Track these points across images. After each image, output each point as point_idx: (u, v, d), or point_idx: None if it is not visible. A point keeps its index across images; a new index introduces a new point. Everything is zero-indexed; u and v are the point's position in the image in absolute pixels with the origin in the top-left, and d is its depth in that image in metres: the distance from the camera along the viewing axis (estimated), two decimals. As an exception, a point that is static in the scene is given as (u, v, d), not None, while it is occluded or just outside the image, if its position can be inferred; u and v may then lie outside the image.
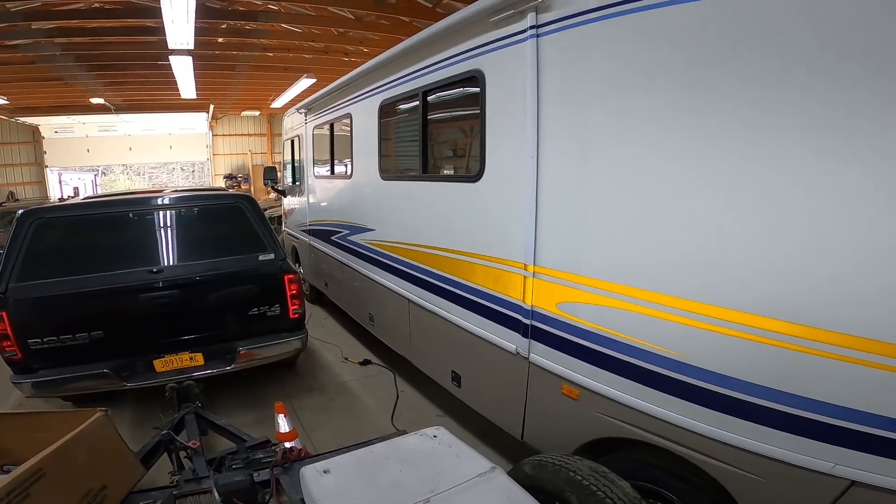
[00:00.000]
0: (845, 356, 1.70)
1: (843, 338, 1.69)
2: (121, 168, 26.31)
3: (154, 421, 3.70)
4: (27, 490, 1.96)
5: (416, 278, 4.22)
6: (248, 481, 2.33)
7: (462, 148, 4.12)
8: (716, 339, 2.03)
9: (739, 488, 2.10)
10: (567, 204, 2.62)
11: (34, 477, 2.02)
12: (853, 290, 1.68)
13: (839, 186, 1.69)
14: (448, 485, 1.86)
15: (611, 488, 2.03)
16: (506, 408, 3.30)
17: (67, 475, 2.22)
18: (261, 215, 4.79)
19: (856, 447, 1.72)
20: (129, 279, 4.06)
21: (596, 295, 2.48)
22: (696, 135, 2.05)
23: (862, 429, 1.69)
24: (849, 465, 1.74)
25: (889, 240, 1.60)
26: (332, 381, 5.45)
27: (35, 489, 1.99)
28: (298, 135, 7.77)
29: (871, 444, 1.68)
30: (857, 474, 1.73)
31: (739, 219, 1.95)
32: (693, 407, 2.14)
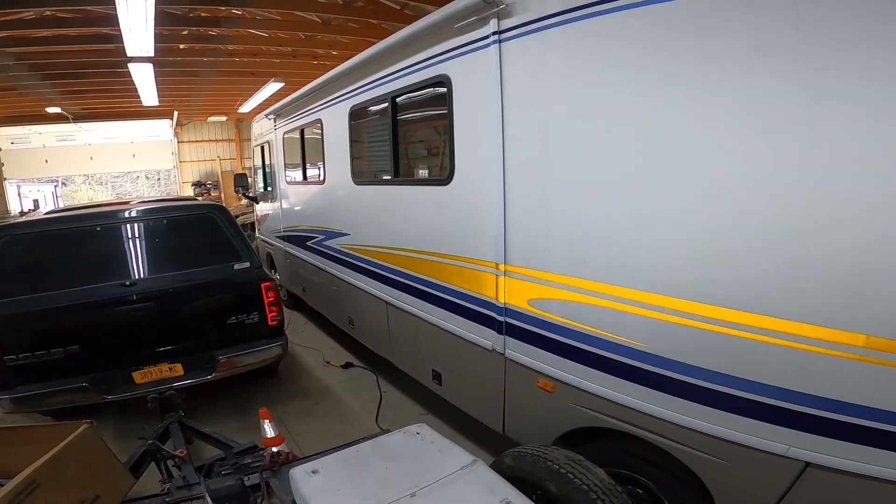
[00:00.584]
0: (793, 342, 1.82)
1: (790, 325, 1.81)
2: (82, 178, 25.63)
3: (137, 433, 3.71)
4: (22, 501, 1.99)
5: (392, 280, 4.30)
6: (239, 486, 2.40)
7: (432, 152, 4.21)
8: (673, 328, 2.16)
9: (707, 472, 2.22)
10: (533, 204, 2.73)
11: (29, 488, 2.04)
12: (800, 281, 1.80)
13: (785, 184, 1.81)
14: (432, 479, 1.96)
15: (586, 475, 2.15)
16: (486, 403, 3.41)
17: (60, 486, 2.24)
18: (233, 224, 4.81)
19: (808, 430, 1.83)
20: (102, 293, 4.05)
21: (564, 291, 2.60)
22: (647, 136, 2.18)
23: (813, 412, 1.81)
24: (803, 447, 1.86)
25: (836, 230, 1.71)
26: (315, 385, 5.50)
27: (30, 500, 2.02)
28: (268, 141, 7.76)
29: (822, 426, 1.80)
30: (810, 456, 1.84)
31: (688, 218, 2.09)
32: (657, 394, 2.27)
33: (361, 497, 1.91)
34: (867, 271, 1.66)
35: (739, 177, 1.92)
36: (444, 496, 1.87)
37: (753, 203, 1.89)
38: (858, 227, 1.67)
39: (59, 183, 25.00)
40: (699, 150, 2.02)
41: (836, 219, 1.70)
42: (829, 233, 1.72)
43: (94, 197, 25.12)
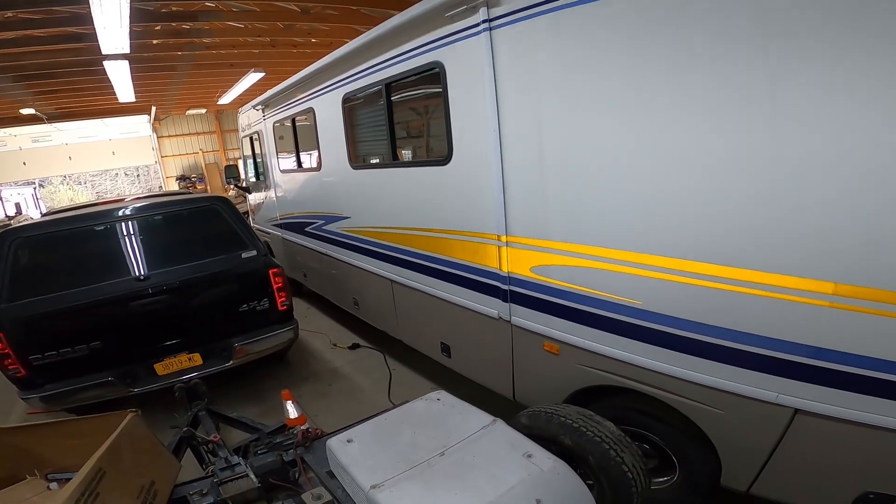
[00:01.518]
0: (772, 293, 2.00)
1: (768, 276, 2.00)
2: (59, 179, 25.23)
3: (162, 424, 3.89)
4: (96, 489, 2.11)
5: (396, 259, 4.45)
6: (280, 461, 2.58)
7: (429, 134, 4.32)
8: (665, 285, 2.36)
9: (705, 421, 2.43)
10: (530, 178, 2.90)
11: (98, 476, 2.16)
12: (781, 235, 1.97)
13: (758, 151, 1.98)
14: (458, 439, 2.16)
15: (598, 428, 2.36)
16: (495, 371, 3.60)
17: (122, 473, 2.36)
18: (237, 214, 4.93)
19: (795, 377, 2.01)
20: (118, 289, 4.17)
21: (563, 257, 2.80)
22: (635, 108, 2.34)
23: (798, 359, 1.99)
24: (791, 394, 2.04)
25: (814, 187, 1.87)
26: (324, 368, 5.65)
27: (102, 487, 2.15)
28: (257, 131, 7.75)
29: (808, 373, 1.97)
30: (798, 402, 2.03)
31: (671, 183, 2.27)
32: (655, 349, 2.48)
33: (395, 459, 2.10)
34: (833, 225, 1.84)
35: (720, 144, 2.08)
36: (469, 453, 2.07)
37: (732, 167, 2.06)
38: (820, 188, 1.85)
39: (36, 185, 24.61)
40: (680, 121, 2.18)
41: (801, 182, 1.89)
42: (794, 193, 1.91)
43: (73, 197, 24.68)
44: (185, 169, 25.49)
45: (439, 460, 2.06)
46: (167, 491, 2.63)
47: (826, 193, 1.83)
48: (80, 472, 2.15)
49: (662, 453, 2.79)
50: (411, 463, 2.06)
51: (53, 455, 2.74)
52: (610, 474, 2.28)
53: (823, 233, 1.86)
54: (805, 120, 1.83)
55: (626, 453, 2.30)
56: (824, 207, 1.84)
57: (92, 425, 2.80)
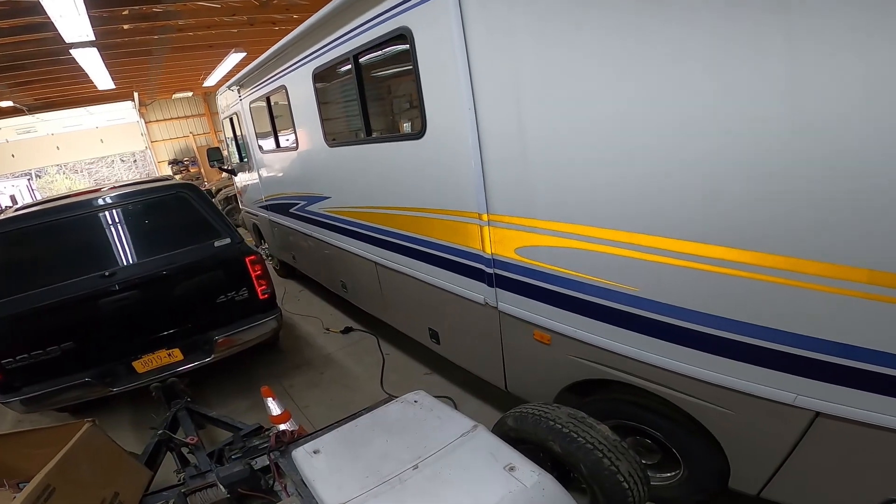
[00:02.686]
0: (796, 281, 1.71)
1: (790, 261, 1.71)
2: (55, 168, 25.08)
3: (151, 422, 3.74)
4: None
5: (378, 240, 4.23)
6: (248, 470, 2.40)
7: (402, 107, 4.08)
8: (666, 270, 2.07)
9: (711, 421, 2.19)
10: (509, 150, 2.62)
11: (45, 493, 2.05)
12: (804, 215, 1.66)
13: (770, 118, 1.67)
14: (434, 448, 1.95)
15: (590, 433, 2.14)
16: (485, 360, 3.40)
17: (76, 487, 2.25)
18: (207, 201, 4.68)
19: (818, 377, 1.75)
20: (83, 287, 3.96)
21: (550, 237, 2.53)
22: (629, 59, 2.00)
23: (822, 357, 1.72)
24: (812, 396, 1.78)
25: (826, 166, 1.58)
26: (317, 354, 5.50)
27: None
28: (236, 112, 7.56)
29: (833, 373, 1.71)
30: (821, 405, 1.77)
31: (671, 151, 1.94)
32: (653, 341, 2.22)
33: (364, 473, 1.91)
34: (869, 203, 1.53)
35: (734, 104, 1.75)
36: (446, 465, 1.87)
37: (742, 136, 1.75)
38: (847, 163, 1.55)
39: (31, 176, 24.48)
40: (672, 83, 1.88)
41: (823, 154, 1.58)
42: (817, 168, 1.60)
43: (71, 186, 24.68)
44: (176, 153, 25.22)
45: (412, 474, 1.87)
46: (134, 501, 2.52)
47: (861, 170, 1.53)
48: (24, 490, 2.05)
49: (665, 448, 2.58)
50: (381, 478, 1.87)
51: (25, 465, 2.64)
52: (604, 484, 2.08)
53: (859, 210, 1.55)
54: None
55: (621, 461, 2.09)
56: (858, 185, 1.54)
57: (55, 434, 2.67)
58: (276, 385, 4.83)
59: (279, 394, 4.56)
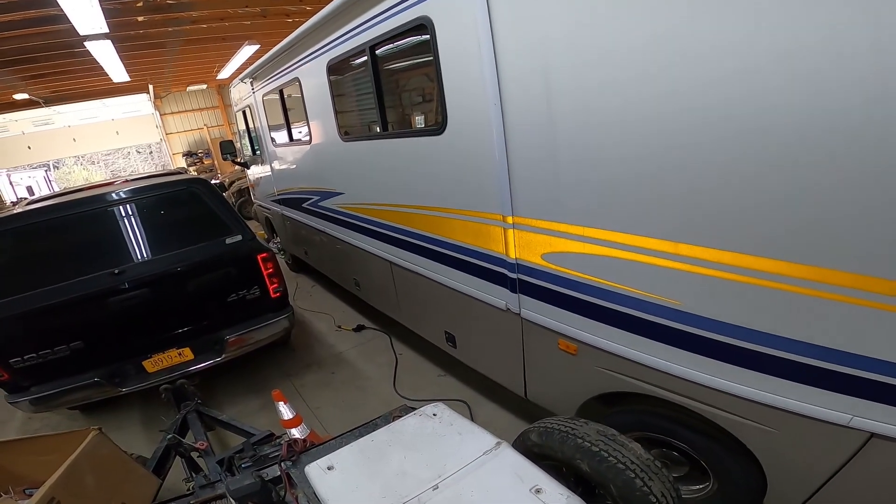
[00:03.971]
0: (857, 299, 1.57)
1: (851, 278, 1.56)
2: (73, 160, 25.25)
3: (160, 424, 3.65)
4: None
5: (394, 239, 4.10)
6: (259, 483, 2.27)
7: (421, 100, 3.93)
8: (714, 284, 1.91)
9: (753, 440, 2.06)
10: (538, 147, 2.45)
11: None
12: (861, 227, 1.52)
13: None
14: (455, 467, 1.82)
15: (622, 452, 2.00)
16: (505, 366, 3.26)
17: (81, 499, 2.19)
18: (219, 197, 4.57)
19: (875, 398, 1.63)
20: (91, 286, 3.86)
21: (581, 243, 2.37)
22: (664, 50, 1.83)
23: (880, 378, 1.59)
24: (868, 418, 1.66)
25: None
26: (328, 353, 5.40)
27: None
28: (249, 104, 7.47)
29: (891, 394, 1.59)
30: (876, 426, 1.65)
31: (724, 151, 1.75)
32: (694, 357, 2.08)
33: (381, 493, 1.78)
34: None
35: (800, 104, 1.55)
36: (468, 486, 1.73)
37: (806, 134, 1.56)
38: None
39: (49, 167, 24.68)
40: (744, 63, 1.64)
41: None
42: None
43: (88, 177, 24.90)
44: (190, 145, 25.26)
45: (432, 496, 1.73)
46: (142, 512, 2.42)
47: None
48: (27, 501, 2.01)
49: (693, 460, 2.44)
50: (399, 499, 1.74)
51: (31, 471, 2.62)
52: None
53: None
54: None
55: (654, 481, 1.94)
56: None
57: (61, 441, 2.63)
58: (287, 384, 4.75)
59: (290, 394, 4.49)
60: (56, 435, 2.71)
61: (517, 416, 3.74)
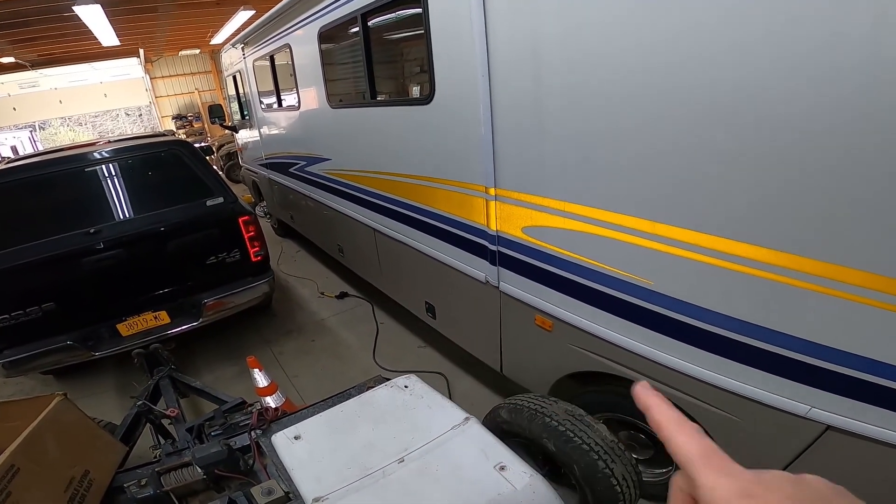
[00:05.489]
0: (822, 287, 1.54)
1: (828, 268, 1.52)
2: (59, 121, 24.84)
3: (134, 390, 3.60)
4: (7, 487, 1.87)
5: (378, 206, 4.06)
6: (225, 451, 2.23)
7: (410, 70, 3.85)
8: (685, 265, 1.88)
9: (716, 427, 2.05)
10: (524, 121, 2.39)
11: (9, 474, 1.91)
12: (840, 217, 1.47)
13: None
14: (422, 441, 1.80)
15: (587, 433, 2.01)
16: (482, 340, 3.25)
17: (43, 466, 2.11)
18: (201, 159, 4.48)
19: (834, 390, 1.62)
20: (66, 244, 3.77)
21: (561, 218, 2.32)
22: (651, 30, 1.76)
23: (841, 370, 1.58)
24: (825, 409, 1.65)
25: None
26: (309, 319, 5.37)
27: (14, 485, 1.90)
28: (239, 70, 7.37)
29: (852, 387, 1.57)
30: (833, 419, 1.64)
31: (704, 131, 1.69)
32: (663, 339, 2.05)
33: (346, 464, 1.75)
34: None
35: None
36: (434, 460, 1.71)
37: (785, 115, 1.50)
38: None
39: (35, 128, 24.29)
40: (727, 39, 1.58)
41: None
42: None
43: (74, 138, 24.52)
44: (180, 108, 24.87)
45: (397, 468, 1.71)
46: (106, 479, 2.34)
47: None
48: None
49: (660, 444, 2.43)
50: (364, 470, 1.72)
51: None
52: (596, 487, 1.96)
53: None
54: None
55: (616, 464, 1.96)
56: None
57: (25, 407, 2.49)
58: (266, 351, 4.71)
59: (269, 361, 4.47)
60: (20, 401, 2.61)
61: (494, 391, 3.74)
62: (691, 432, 0.44)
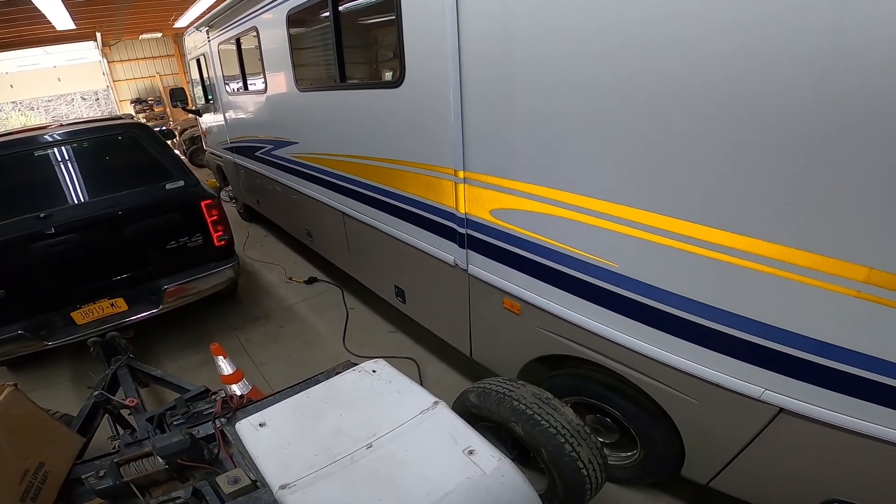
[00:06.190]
0: (786, 272, 1.55)
1: (785, 251, 1.54)
2: (10, 105, 23.98)
3: (90, 381, 3.48)
4: None
5: (347, 189, 4.00)
6: (188, 440, 2.17)
7: (380, 54, 3.78)
8: (648, 247, 1.89)
9: (676, 409, 2.09)
10: (494, 104, 2.37)
11: None
12: (800, 202, 1.49)
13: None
14: (390, 426, 1.77)
15: (553, 416, 2.02)
16: (451, 324, 3.24)
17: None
18: (159, 141, 4.34)
19: (787, 373, 1.65)
20: (13, 230, 3.60)
21: (529, 200, 2.32)
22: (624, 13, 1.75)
23: (798, 354, 1.61)
24: (778, 392, 1.69)
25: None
26: (277, 305, 5.27)
27: None
28: (204, 53, 7.17)
29: (803, 370, 1.61)
30: (785, 401, 1.68)
31: (667, 115, 1.70)
32: (627, 322, 2.08)
33: (313, 451, 1.72)
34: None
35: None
36: (402, 446, 1.69)
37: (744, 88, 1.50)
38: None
39: (-16, 112, 23.44)
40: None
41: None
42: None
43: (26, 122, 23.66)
44: (140, 92, 24.19)
45: (365, 454, 1.69)
46: (62, 471, 2.29)
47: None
48: None
49: (625, 429, 2.47)
50: (332, 457, 1.69)
51: None
52: (563, 470, 1.98)
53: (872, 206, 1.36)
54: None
55: (582, 447, 1.98)
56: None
57: None
58: (232, 339, 4.61)
59: (235, 348, 4.38)
60: None
61: (465, 376, 3.73)
62: None
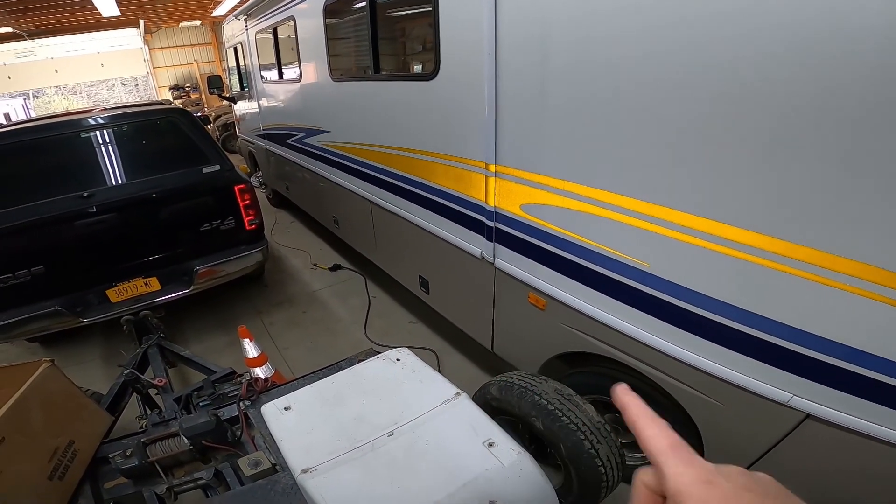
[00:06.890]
0: (818, 276, 1.52)
1: (817, 255, 1.50)
2: (54, 90, 24.66)
3: (121, 358, 3.56)
4: None
5: (376, 179, 4.03)
6: (213, 422, 2.21)
7: (416, 46, 3.78)
8: (681, 248, 1.85)
9: (698, 411, 2.05)
10: (528, 101, 2.34)
11: None
12: (833, 204, 1.45)
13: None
14: (412, 415, 1.77)
15: (575, 413, 2.01)
16: (474, 316, 3.23)
17: (27, 437, 2.06)
18: (198, 127, 4.43)
19: (818, 379, 1.61)
20: (57, 207, 3.70)
21: (560, 196, 2.29)
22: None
23: (826, 359, 1.57)
24: (806, 398, 1.65)
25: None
26: (301, 290, 5.35)
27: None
28: (241, 41, 7.29)
29: (835, 377, 1.57)
30: (813, 407, 1.64)
31: (704, 120, 1.67)
32: (655, 322, 2.04)
33: (335, 436, 1.73)
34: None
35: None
36: (423, 435, 1.69)
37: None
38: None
39: (28, 96, 24.13)
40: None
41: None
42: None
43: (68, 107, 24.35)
44: (178, 79, 24.73)
45: (386, 441, 1.69)
46: (90, 450, 2.31)
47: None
48: None
49: None
50: (354, 443, 1.69)
51: None
52: (581, 467, 1.97)
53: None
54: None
55: (602, 445, 1.97)
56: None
57: (10, 374, 2.42)
58: (257, 322, 4.69)
59: (259, 332, 4.44)
60: (5, 367, 2.54)
61: (483, 369, 3.73)
62: (662, 427, 0.48)
